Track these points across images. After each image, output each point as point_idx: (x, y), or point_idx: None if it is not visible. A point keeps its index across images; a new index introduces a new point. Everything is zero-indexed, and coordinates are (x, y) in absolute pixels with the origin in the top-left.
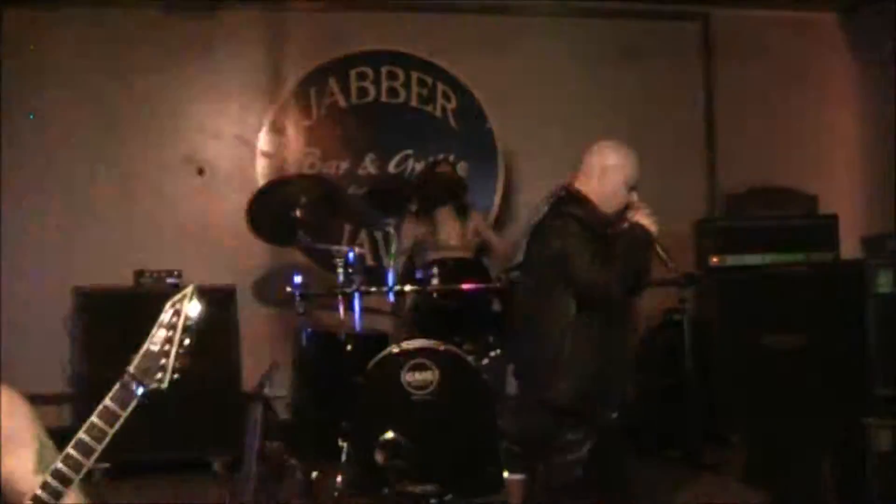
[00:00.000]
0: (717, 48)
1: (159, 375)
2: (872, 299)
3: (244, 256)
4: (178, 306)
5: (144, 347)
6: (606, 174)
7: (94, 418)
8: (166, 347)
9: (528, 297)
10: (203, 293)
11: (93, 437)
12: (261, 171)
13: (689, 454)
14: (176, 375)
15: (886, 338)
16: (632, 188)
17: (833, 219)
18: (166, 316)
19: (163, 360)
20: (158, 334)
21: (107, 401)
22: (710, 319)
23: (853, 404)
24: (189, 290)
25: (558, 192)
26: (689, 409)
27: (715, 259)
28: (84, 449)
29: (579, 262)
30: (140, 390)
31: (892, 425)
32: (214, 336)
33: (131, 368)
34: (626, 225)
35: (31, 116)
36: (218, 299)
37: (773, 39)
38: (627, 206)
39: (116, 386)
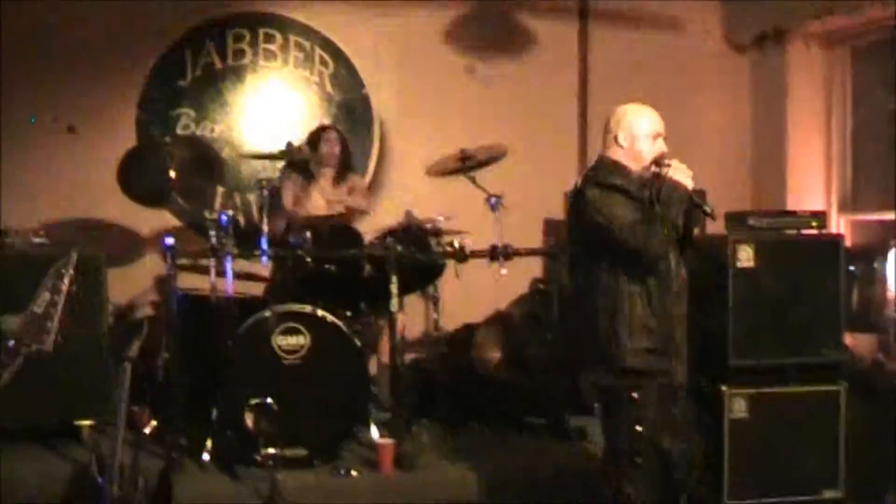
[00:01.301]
0: (594, 32)
1: (43, 337)
2: (733, 273)
3: (115, 217)
4: (62, 270)
5: (28, 310)
6: (625, 132)
7: None
8: (50, 310)
9: (578, 266)
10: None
11: None
12: (134, 131)
13: (554, 422)
14: (59, 338)
15: (744, 311)
16: (657, 137)
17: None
18: (50, 280)
19: (48, 323)
20: (43, 297)
21: None
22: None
23: (714, 373)
24: (73, 255)
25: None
26: (542, 377)
27: None
28: None
29: (623, 232)
30: (24, 351)
31: (747, 393)
32: (82, 299)
33: (14, 329)
34: (660, 183)
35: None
36: (86, 261)
37: (647, 25)
38: (659, 161)
39: None
